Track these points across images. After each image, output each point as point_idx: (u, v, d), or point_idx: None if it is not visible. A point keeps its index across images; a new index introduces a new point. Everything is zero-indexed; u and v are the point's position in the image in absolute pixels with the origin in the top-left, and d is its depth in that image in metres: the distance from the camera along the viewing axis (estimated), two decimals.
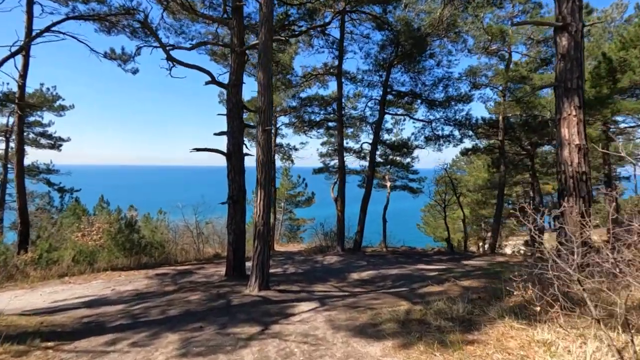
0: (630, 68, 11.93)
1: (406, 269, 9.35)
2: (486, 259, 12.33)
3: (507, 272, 7.70)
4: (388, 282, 7.69)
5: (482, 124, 14.73)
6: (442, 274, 7.73)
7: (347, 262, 10.85)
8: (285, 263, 10.96)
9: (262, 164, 5.99)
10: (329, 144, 18.55)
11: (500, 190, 13.25)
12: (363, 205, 12.84)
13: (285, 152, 19.05)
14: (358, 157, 17.94)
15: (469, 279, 6.51)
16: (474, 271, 7.88)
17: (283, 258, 12.01)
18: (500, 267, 8.67)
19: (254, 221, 6.10)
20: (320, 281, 7.96)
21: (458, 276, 7.10)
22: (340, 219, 12.44)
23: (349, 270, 9.30)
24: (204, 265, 10.66)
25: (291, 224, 24.03)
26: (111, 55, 12.26)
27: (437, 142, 14.92)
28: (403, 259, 11.74)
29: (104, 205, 14.88)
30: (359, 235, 12.85)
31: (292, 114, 17.80)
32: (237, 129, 8.46)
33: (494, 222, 13.81)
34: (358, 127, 16.90)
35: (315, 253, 13.48)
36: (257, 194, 6.05)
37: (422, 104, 14.52)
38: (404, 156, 16.36)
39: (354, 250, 12.90)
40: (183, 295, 6.32)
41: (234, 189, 8.36)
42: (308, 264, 10.78)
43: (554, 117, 13.18)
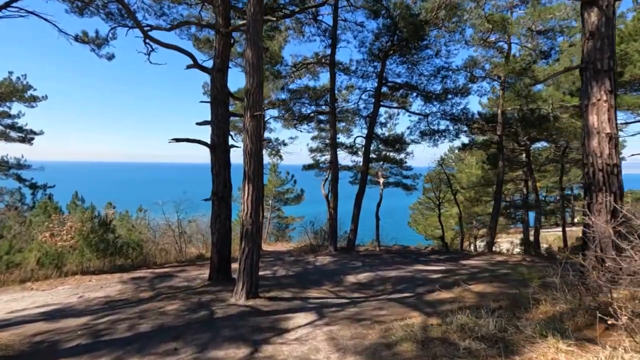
0: (631, 62, 11.64)
1: (405, 270, 8.78)
2: (484, 258, 11.90)
3: (515, 274, 7.22)
4: (388, 286, 7.08)
5: (479, 119, 14.31)
6: (447, 277, 7.17)
7: (341, 262, 10.21)
8: (275, 264, 10.24)
9: (251, 154, 5.25)
10: (319, 138, 17.88)
11: (498, 187, 12.86)
12: (357, 201, 12.22)
13: (273, 147, 18.26)
14: (350, 152, 17.31)
15: (480, 283, 5.95)
16: (480, 273, 7.35)
17: (272, 259, 11.28)
18: (503, 268, 8.19)
19: (241, 220, 5.37)
20: (315, 285, 7.29)
21: (465, 279, 6.54)
22: (333, 216, 11.79)
23: (344, 272, 8.65)
24: (185, 268, 9.84)
25: (279, 222, 23.26)
26: (83, 39, 11.20)
27: (433, 137, 14.42)
28: (399, 259, 11.19)
29: (78, 202, 13.81)
30: (352, 233, 12.23)
31: (281, 107, 17.03)
32: (222, 117, 7.68)
33: (492, 219, 13.44)
34: (350, 121, 16.27)
35: (305, 253, 12.80)
36: (244, 188, 5.31)
37: (418, 97, 13.98)
38: (398, 152, 15.81)
39: (347, 249, 12.28)
40: (159, 305, 5.55)
41: (218, 184, 7.59)
42: (299, 265, 10.09)
43: (549, 112, 12.97)
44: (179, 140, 7.28)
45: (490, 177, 18.15)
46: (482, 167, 18.11)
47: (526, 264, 11.28)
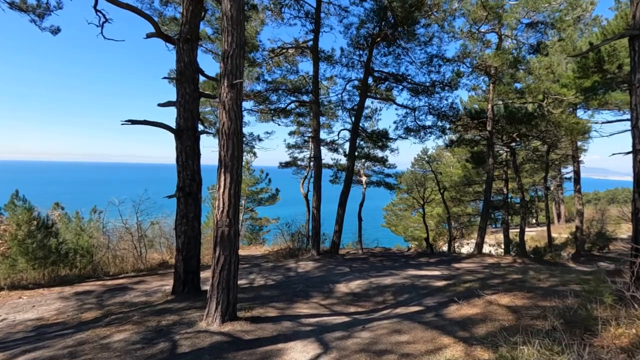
0: (618, 59, 11.54)
1: (400, 277, 7.89)
2: (476, 260, 11.32)
3: (532, 279, 6.52)
4: (389, 297, 6.13)
5: (466, 115, 13.83)
6: (453, 284, 6.32)
7: (326, 268, 9.17)
8: (251, 271, 9.03)
9: (228, 134, 4.09)
10: (298, 134, 16.76)
11: (487, 185, 12.40)
12: (342, 200, 11.25)
13: (247, 142, 16.90)
14: (330, 149, 16.36)
15: (500, 293, 5.12)
16: (489, 279, 6.57)
17: (248, 265, 10.04)
18: (509, 272, 7.50)
19: (215, 220, 4.19)
20: (302, 298, 6.20)
21: (477, 287, 5.71)
22: (316, 217, 10.74)
23: (332, 281, 7.62)
24: (145, 278, 8.40)
25: (253, 224, 21.85)
26: (20, 6, 9.45)
27: (418, 133, 13.77)
28: (389, 263, 10.33)
29: (18, 202, 11.81)
30: (336, 235, 11.24)
31: (257, 99, 15.77)
32: (190, 97, 6.42)
33: (481, 219, 12.96)
34: (332, 115, 15.32)
35: (284, 257, 11.65)
36: (220, 179, 4.14)
37: (403, 91, 13.26)
38: (382, 149, 15.04)
39: (330, 253, 11.26)
40: (103, 332, 4.23)
41: (185, 178, 6.32)
42: (279, 272, 8.95)
43: (541, 107, 12.70)
44: (135, 122, 5.93)
45: (472, 176, 17.89)
46: (464, 166, 17.79)
47: (522, 266, 10.78)
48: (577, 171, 18.22)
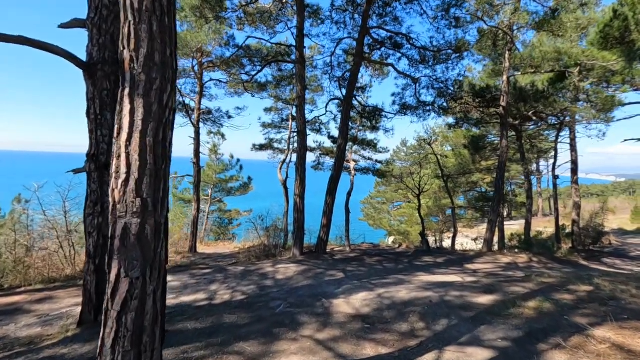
0: None
1: (414, 285, 5.97)
2: (488, 259, 9.67)
3: (604, 289, 4.76)
4: (417, 323, 4.13)
5: (469, 92, 12.10)
6: (505, 302, 4.43)
7: (314, 274, 7.10)
8: (214, 279, 6.79)
9: (139, 9, 1.84)
10: (275, 111, 14.44)
11: (500, 170, 10.77)
12: (331, 186, 9.18)
13: (214, 119, 14.42)
14: (313, 129, 14.21)
15: (604, 325, 3.25)
16: (548, 291, 4.73)
17: (210, 270, 7.76)
18: (539, 274, 5.74)
19: (110, 202, 1.94)
20: (286, 328, 4.08)
21: (552, 309, 3.86)
22: (299, 208, 8.63)
23: (326, 294, 5.56)
24: (55, 293, 5.95)
25: (221, 217, 19.37)
26: None
27: (416, 111, 11.90)
28: (390, 265, 8.42)
29: None
30: (324, 230, 9.19)
31: (225, 68, 13.32)
32: (108, 13, 4.07)
33: (492, 212, 11.36)
34: (317, 87, 13.13)
35: (258, 258, 9.48)
36: (121, 113, 1.89)
37: (402, 60, 11.30)
38: (374, 130, 13.08)
39: (316, 252, 9.20)
40: None
41: (99, 140, 3.99)
42: (252, 279, 6.77)
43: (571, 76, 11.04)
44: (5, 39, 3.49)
45: (468, 164, 16.38)
46: (459, 153, 16.23)
47: (546, 267, 9.21)
48: (574, 161, 17.16)
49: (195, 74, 13.36)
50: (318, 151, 14.36)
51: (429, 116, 11.86)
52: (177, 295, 5.81)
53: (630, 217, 27.61)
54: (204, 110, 13.96)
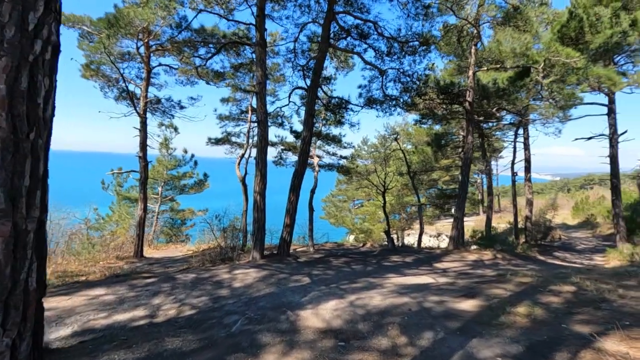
0: (603, 28, 10.55)
1: (386, 289, 5.48)
2: (455, 257, 9.52)
3: (589, 290, 4.51)
4: (398, 338, 3.57)
5: (434, 88, 11.99)
6: (489, 307, 4.04)
7: (276, 280, 6.37)
8: (159, 290, 5.81)
9: None
10: (233, 101, 13.40)
11: (466, 167, 10.72)
12: (295, 182, 8.48)
13: (165, 110, 13.07)
14: (274, 122, 13.38)
15: (610, 334, 2.91)
16: (531, 293, 4.42)
17: (154, 279, 6.72)
18: (513, 272, 5.53)
19: None
20: (244, 354, 3.33)
21: (544, 314, 3.49)
22: (260, 205, 7.82)
23: (291, 304, 4.87)
24: None
25: (173, 217, 17.88)
26: None
27: (382, 105, 11.55)
28: (358, 266, 7.90)
29: None
30: (287, 230, 8.46)
31: (177, 53, 12.10)
32: None
33: (457, 209, 11.30)
34: (278, 78, 12.31)
35: (213, 262, 8.54)
36: None
37: (367, 52, 10.84)
38: (339, 124, 12.56)
39: (279, 255, 8.45)
40: None
41: None
42: (204, 289, 5.88)
43: (537, 72, 11.21)
44: None
45: (430, 162, 16.46)
46: (422, 151, 16.26)
47: (512, 264, 9.21)
48: (528, 159, 17.95)
49: (141, 57, 11.98)
50: (280, 146, 13.58)
51: (395, 111, 11.55)
52: (109, 313, 4.79)
53: (572, 213, 29.84)
54: (152, 99, 12.58)
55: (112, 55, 11.49)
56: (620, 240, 13.48)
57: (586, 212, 27.45)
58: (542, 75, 8.82)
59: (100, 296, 5.50)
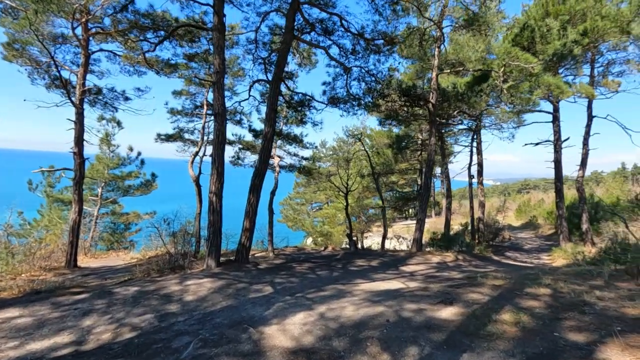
0: (553, 39, 11.19)
1: (357, 297, 5.09)
2: (420, 259, 9.43)
3: (569, 294, 4.40)
4: (380, 355, 3.15)
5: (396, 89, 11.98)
6: (472, 315, 3.77)
7: (235, 290, 5.70)
8: (91, 309, 4.88)
9: None
10: (186, 95, 12.36)
11: (429, 168, 10.74)
12: (255, 182, 7.83)
13: (106, 101, 11.69)
14: (232, 120, 12.55)
15: (610, 344, 2.72)
16: (509, 297, 4.25)
17: (87, 294, 5.70)
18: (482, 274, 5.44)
19: None
20: None
21: (532, 322, 3.28)
22: (216, 207, 7.08)
23: (253, 319, 4.28)
24: None
25: (115, 221, 16.18)
26: None
27: (346, 104, 11.29)
28: (324, 273, 7.45)
29: None
30: (246, 235, 7.77)
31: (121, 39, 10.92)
32: None
33: (420, 211, 11.26)
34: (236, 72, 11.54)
35: (160, 271, 7.61)
36: None
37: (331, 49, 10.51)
38: (301, 123, 12.09)
39: (237, 262, 7.73)
40: None
41: None
42: (148, 304, 5.06)
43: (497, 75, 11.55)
44: None
45: (390, 164, 16.57)
46: (383, 153, 16.32)
47: (472, 265, 9.30)
48: (480, 163, 18.77)
49: (78, 40, 10.58)
50: (238, 145, 12.76)
51: (359, 111, 11.33)
52: (22, 341, 3.86)
53: (515, 214, 31.99)
54: (91, 88, 11.19)
55: (42, 35, 10.03)
56: (563, 240, 14.44)
57: (528, 214, 29.54)
58: (502, 80, 9.13)
59: (13, 319, 4.48)
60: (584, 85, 11.91)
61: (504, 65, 8.84)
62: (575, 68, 12.78)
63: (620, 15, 11.41)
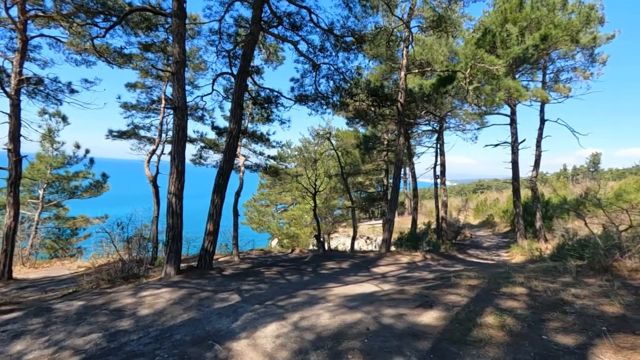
0: (512, 44, 11.65)
1: (332, 303, 4.83)
2: (390, 260, 9.36)
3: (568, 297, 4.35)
4: None
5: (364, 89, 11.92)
6: (455, 318, 3.63)
7: (196, 300, 5.19)
8: (23, 330, 4.17)
9: None
10: (142, 88, 11.44)
11: (397, 168, 10.72)
12: (220, 182, 7.30)
13: (49, 93, 10.50)
14: (194, 117, 11.81)
15: (603, 345, 2.65)
16: (486, 299, 4.17)
17: (20, 312, 4.91)
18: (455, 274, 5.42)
19: None
20: None
21: (516, 325, 3.18)
22: (176, 209, 6.49)
23: (219, 333, 3.87)
24: None
25: (60, 227, 14.69)
26: None
27: (314, 102, 11.04)
28: (294, 277, 7.10)
29: None
30: (209, 239, 7.21)
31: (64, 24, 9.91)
32: None
33: (389, 211, 11.20)
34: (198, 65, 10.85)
35: (111, 282, 6.87)
36: None
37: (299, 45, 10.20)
38: (267, 121, 11.63)
39: (200, 267, 7.16)
40: None
41: None
42: (96, 321, 4.43)
43: (463, 76, 11.81)
44: None
45: (357, 164, 16.54)
46: (351, 153, 16.26)
47: (438, 264, 9.38)
48: (442, 164, 19.33)
49: (14, 23, 9.44)
50: (199, 143, 12.04)
51: (327, 110, 11.11)
52: None
53: (473, 213, 33.52)
54: (29, 77, 9.99)
55: None
56: (520, 237, 15.18)
57: (485, 213, 31.04)
58: (468, 81, 9.34)
59: None
60: (540, 90, 12.56)
61: (470, 67, 9.06)
62: (531, 73, 13.47)
63: (570, 25, 12.14)
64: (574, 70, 15.78)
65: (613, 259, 5.26)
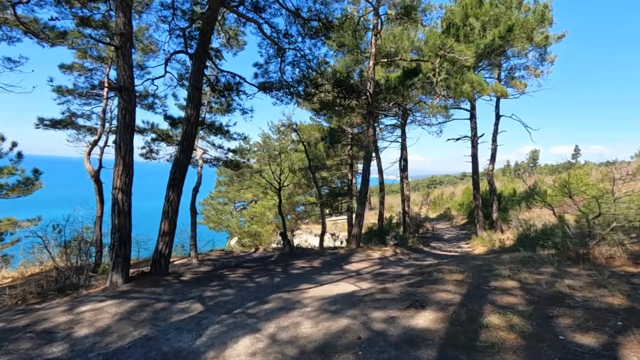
0: (475, 38, 11.82)
1: (311, 308, 4.34)
2: (361, 256, 9.03)
3: None
4: None
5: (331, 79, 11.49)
6: (454, 322, 3.28)
7: (150, 314, 4.41)
8: None
9: None
10: (80, 70, 10.01)
11: (367, 160, 10.38)
12: (176, 175, 6.44)
13: None
14: (143, 104, 10.60)
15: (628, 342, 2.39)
16: (481, 296, 3.90)
17: None
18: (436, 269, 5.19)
19: None
20: None
21: (521, 325, 2.89)
22: (123, 207, 5.57)
23: (180, 354, 3.22)
24: None
25: None
26: None
27: (279, 92, 10.40)
28: (264, 279, 6.47)
29: None
30: (164, 240, 6.34)
31: None
32: None
33: (360, 206, 10.86)
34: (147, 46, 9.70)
35: (42, 295, 5.77)
36: None
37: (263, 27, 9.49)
38: (227, 112, 10.77)
39: (154, 273, 6.26)
40: None
41: None
42: (15, 349, 3.51)
43: (433, 67, 11.67)
44: None
45: (322, 159, 16.11)
46: (315, 147, 15.78)
47: (410, 258, 9.21)
48: (405, 158, 19.54)
49: None
50: (150, 133, 10.87)
51: (292, 100, 10.52)
52: None
53: (431, 207, 34.69)
54: None
55: None
56: (480, 229, 15.69)
57: (443, 206, 32.22)
58: (437, 72, 9.26)
59: None
60: (499, 85, 12.95)
61: (440, 57, 8.99)
62: (490, 69, 13.86)
63: (527, 23, 12.59)
64: (526, 69, 16.58)
65: (587, 248, 5.29)
